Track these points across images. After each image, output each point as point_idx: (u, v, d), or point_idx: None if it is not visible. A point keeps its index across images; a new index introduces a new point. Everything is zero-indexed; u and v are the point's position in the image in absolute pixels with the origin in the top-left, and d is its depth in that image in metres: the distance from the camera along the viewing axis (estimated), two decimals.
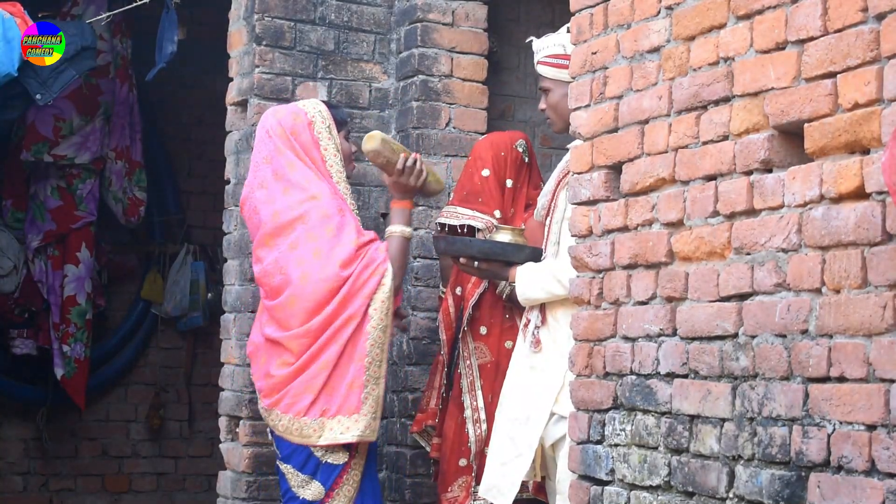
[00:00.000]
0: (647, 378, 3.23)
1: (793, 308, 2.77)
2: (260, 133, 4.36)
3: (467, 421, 4.53)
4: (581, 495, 3.43)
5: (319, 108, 4.37)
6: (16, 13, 5.33)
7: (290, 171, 4.26)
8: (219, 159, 5.40)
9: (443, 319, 4.68)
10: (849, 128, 2.65)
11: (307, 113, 4.33)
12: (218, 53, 5.44)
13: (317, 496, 4.19)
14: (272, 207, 4.23)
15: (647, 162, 3.27)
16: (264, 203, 4.26)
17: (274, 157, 4.28)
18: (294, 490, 4.22)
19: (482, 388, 4.53)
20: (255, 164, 4.35)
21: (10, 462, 7.64)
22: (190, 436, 8.04)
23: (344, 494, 4.20)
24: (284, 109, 4.40)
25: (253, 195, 4.31)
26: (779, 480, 2.77)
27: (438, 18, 5.13)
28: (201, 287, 7.81)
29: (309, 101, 4.45)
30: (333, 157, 4.32)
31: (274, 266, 4.21)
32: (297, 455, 4.20)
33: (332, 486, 4.18)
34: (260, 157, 4.33)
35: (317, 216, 4.19)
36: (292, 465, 4.21)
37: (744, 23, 2.97)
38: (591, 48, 3.51)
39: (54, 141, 7.05)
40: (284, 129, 4.30)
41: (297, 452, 4.20)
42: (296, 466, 4.20)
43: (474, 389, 4.53)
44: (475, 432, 4.49)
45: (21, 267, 7.22)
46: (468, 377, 4.55)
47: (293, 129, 4.30)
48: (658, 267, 3.22)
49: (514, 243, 4.28)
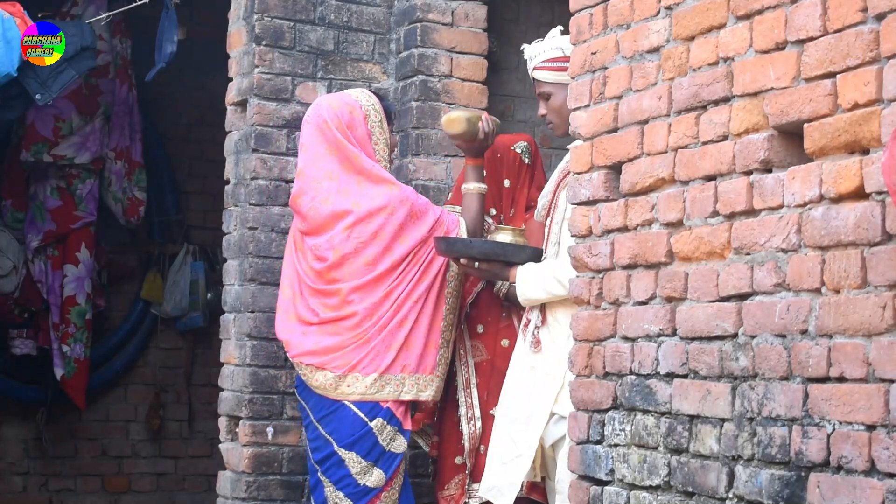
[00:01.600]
0: (646, 378, 3.23)
1: (792, 308, 2.77)
2: (315, 123, 4.40)
3: (461, 419, 4.53)
4: (581, 495, 3.43)
5: (373, 101, 4.46)
6: (16, 13, 5.33)
7: (360, 162, 4.36)
8: (219, 159, 5.40)
9: None
10: (848, 128, 2.65)
11: (362, 106, 4.42)
12: (218, 53, 5.44)
13: (378, 483, 4.27)
14: (349, 199, 4.33)
15: (647, 162, 3.27)
16: (336, 194, 4.34)
17: (338, 148, 4.36)
18: (355, 477, 4.28)
19: (477, 386, 4.54)
20: (313, 154, 4.39)
21: (10, 462, 7.65)
22: (190, 436, 8.04)
23: (397, 484, 4.32)
24: (339, 101, 4.45)
25: (319, 185, 4.36)
26: (778, 480, 2.77)
27: (438, 18, 5.13)
28: (201, 287, 7.81)
29: (362, 93, 4.51)
30: (383, 151, 4.43)
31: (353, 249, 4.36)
32: (362, 442, 4.27)
33: (393, 474, 4.28)
34: (320, 148, 4.37)
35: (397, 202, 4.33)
36: (356, 452, 4.28)
37: (743, 23, 2.97)
38: (591, 48, 3.51)
39: (54, 141, 7.05)
40: (342, 121, 4.38)
41: (365, 438, 4.27)
42: (360, 453, 4.28)
43: (469, 387, 4.54)
44: (469, 430, 4.50)
45: (21, 267, 7.22)
46: (464, 375, 4.56)
47: (350, 122, 4.39)
48: (658, 267, 3.22)
49: (514, 243, 4.28)
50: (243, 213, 4.99)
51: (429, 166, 5.09)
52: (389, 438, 4.29)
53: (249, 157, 4.98)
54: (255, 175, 4.96)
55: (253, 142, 4.97)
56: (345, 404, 4.29)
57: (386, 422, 4.28)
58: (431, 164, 5.09)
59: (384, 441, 4.28)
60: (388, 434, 4.29)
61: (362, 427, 4.27)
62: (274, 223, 4.96)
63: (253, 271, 4.93)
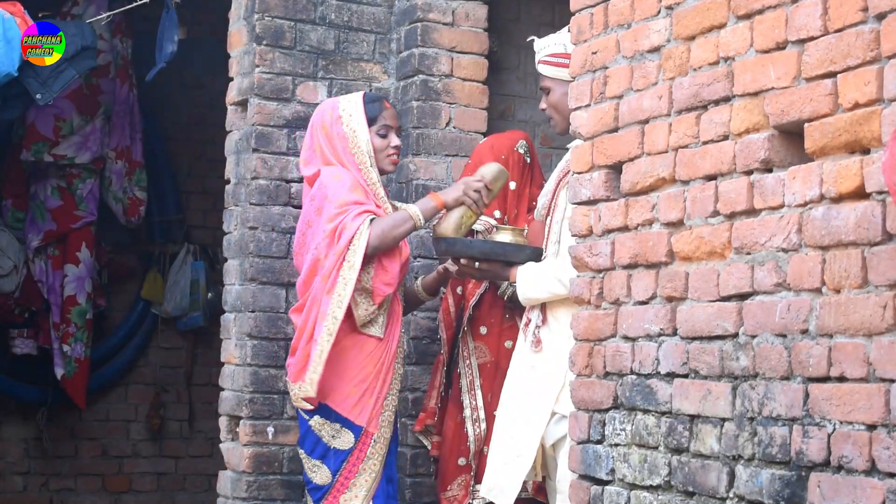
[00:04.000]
0: (647, 378, 3.23)
1: (793, 308, 2.77)
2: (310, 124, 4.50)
3: (466, 420, 4.53)
4: (581, 495, 3.43)
5: (354, 104, 4.44)
6: (16, 13, 5.33)
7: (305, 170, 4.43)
8: (219, 159, 5.40)
9: (443, 319, 4.69)
10: (849, 128, 2.65)
11: (340, 108, 4.42)
12: (218, 53, 5.44)
13: (325, 481, 4.28)
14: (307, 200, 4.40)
15: (648, 162, 3.27)
16: (305, 195, 4.43)
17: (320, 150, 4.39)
18: (307, 474, 4.33)
19: (482, 388, 4.53)
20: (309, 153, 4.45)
21: (10, 462, 7.64)
22: (190, 436, 8.04)
23: (361, 485, 4.27)
24: (327, 104, 4.50)
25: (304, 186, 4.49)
26: (779, 480, 2.77)
27: (438, 18, 5.13)
28: (201, 287, 7.81)
29: (347, 97, 4.51)
30: (360, 150, 4.37)
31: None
32: (307, 439, 4.31)
33: (343, 472, 4.26)
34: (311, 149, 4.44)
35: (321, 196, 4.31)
36: (303, 450, 4.33)
37: (744, 23, 2.97)
38: (592, 48, 3.51)
39: (54, 141, 7.05)
40: (325, 122, 4.41)
41: (308, 437, 4.30)
42: (306, 451, 4.32)
43: (474, 389, 4.53)
44: (474, 431, 4.50)
45: (21, 267, 7.22)
46: (468, 377, 4.55)
47: (322, 123, 4.42)
48: (658, 267, 3.22)
49: (514, 243, 4.27)
50: (244, 212, 4.99)
51: (429, 166, 5.09)
52: (331, 436, 4.28)
53: (250, 157, 4.98)
54: (256, 175, 4.96)
55: (253, 141, 4.97)
56: None
57: (325, 419, 4.29)
58: (432, 164, 5.09)
59: (326, 438, 4.28)
60: (330, 430, 4.29)
61: (304, 424, 4.33)
62: (274, 223, 4.96)
63: (253, 271, 4.93)
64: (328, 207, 4.25)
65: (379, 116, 4.43)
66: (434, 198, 4.35)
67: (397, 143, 4.47)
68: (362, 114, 4.41)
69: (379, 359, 4.34)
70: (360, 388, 4.30)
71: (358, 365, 4.30)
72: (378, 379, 4.33)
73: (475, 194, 4.28)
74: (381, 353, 4.35)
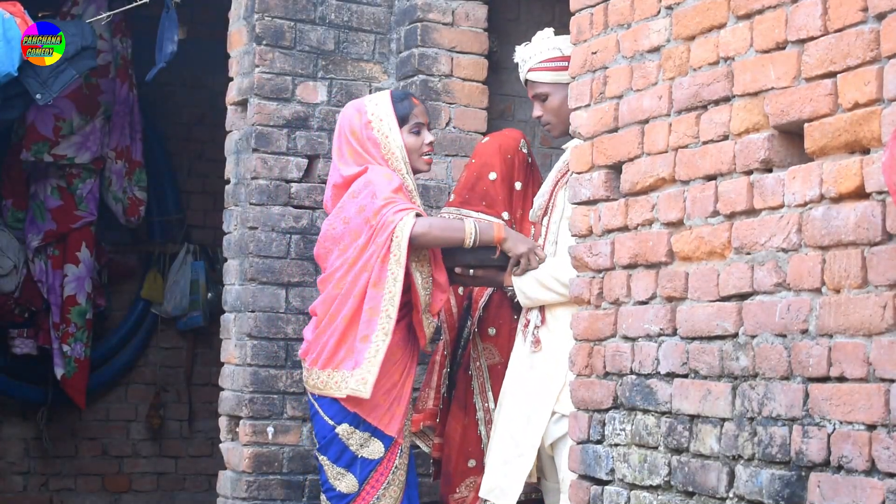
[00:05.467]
0: (647, 378, 3.23)
1: (793, 308, 2.77)
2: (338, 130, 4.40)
3: (479, 423, 4.51)
4: (581, 495, 3.43)
5: (382, 105, 4.33)
6: (16, 13, 5.33)
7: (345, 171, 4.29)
8: (219, 159, 5.40)
9: (446, 320, 4.67)
10: (849, 128, 2.65)
11: (368, 112, 4.32)
12: (218, 53, 5.44)
13: (350, 489, 4.21)
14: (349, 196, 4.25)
15: (647, 162, 3.27)
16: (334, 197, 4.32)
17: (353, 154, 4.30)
18: (330, 481, 4.24)
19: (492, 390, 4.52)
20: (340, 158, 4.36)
21: (10, 462, 7.65)
22: (190, 436, 8.04)
23: (389, 496, 4.22)
24: (353, 107, 4.39)
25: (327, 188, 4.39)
26: (779, 480, 2.77)
27: (438, 18, 5.13)
28: (201, 287, 7.81)
29: (373, 98, 4.41)
30: (394, 156, 4.29)
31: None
32: (332, 446, 4.22)
33: (370, 481, 4.20)
34: (340, 154, 4.35)
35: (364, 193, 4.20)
36: (327, 457, 4.24)
37: (744, 23, 2.97)
38: (591, 48, 3.51)
39: (54, 141, 7.05)
40: (353, 127, 4.32)
41: (333, 444, 4.22)
42: (331, 458, 4.23)
43: (485, 391, 4.52)
44: (488, 434, 4.48)
45: (21, 267, 7.22)
46: (478, 379, 4.53)
47: (351, 129, 4.32)
48: (658, 267, 3.22)
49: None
50: (244, 212, 4.99)
51: None
52: (360, 444, 4.22)
53: (250, 157, 4.98)
54: (256, 175, 4.96)
55: (253, 141, 4.97)
56: (318, 410, 4.26)
57: (354, 427, 4.22)
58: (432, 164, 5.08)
59: (354, 447, 4.21)
60: (358, 439, 4.22)
61: (331, 431, 4.23)
62: (274, 223, 4.96)
63: (253, 271, 4.93)
64: (374, 202, 4.12)
65: (410, 115, 4.33)
66: (499, 230, 4.16)
67: (431, 140, 4.38)
68: (392, 115, 4.31)
69: (405, 367, 4.30)
70: (389, 397, 4.24)
71: (386, 373, 4.21)
72: (404, 387, 4.28)
73: (526, 262, 4.10)
74: (406, 361, 4.31)
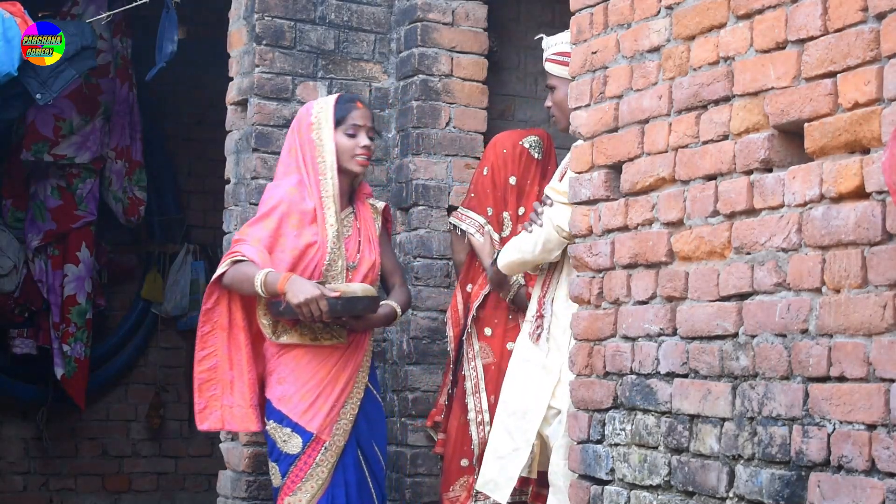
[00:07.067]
0: (647, 378, 3.23)
1: (793, 308, 2.77)
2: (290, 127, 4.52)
3: (471, 423, 4.52)
4: (581, 495, 3.43)
5: (326, 108, 4.39)
6: (16, 13, 5.33)
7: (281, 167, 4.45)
8: (219, 159, 5.40)
9: (451, 316, 4.67)
10: (849, 127, 2.65)
11: (313, 114, 4.40)
12: (218, 53, 5.44)
13: (277, 483, 4.33)
14: None
15: (647, 162, 3.27)
16: None
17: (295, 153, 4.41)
18: (270, 476, 4.40)
19: (486, 390, 4.52)
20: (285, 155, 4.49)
21: (10, 462, 7.64)
22: (190, 435, 8.03)
23: (305, 490, 4.28)
24: (306, 107, 4.48)
25: None
26: (779, 480, 2.77)
27: (438, 18, 5.13)
28: (201, 287, 7.80)
29: (322, 101, 4.47)
30: (326, 165, 4.33)
31: None
32: (267, 441, 4.37)
33: (290, 476, 4.29)
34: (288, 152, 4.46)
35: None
36: (267, 453, 4.40)
37: (744, 22, 2.97)
38: (591, 48, 3.51)
39: (54, 140, 7.05)
40: (301, 126, 4.41)
41: (267, 439, 4.36)
42: (268, 454, 4.39)
43: (479, 391, 4.52)
44: (479, 434, 4.48)
45: (21, 266, 7.21)
46: (472, 378, 4.54)
47: (299, 127, 4.42)
48: (658, 267, 3.22)
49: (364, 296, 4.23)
50: (244, 212, 4.99)
51: (429, 166, 5.09)
52: (283, 440, 4.30)
53: (250, 157, 4.98)
54: (256, 174, 4.96)
55: (253, 141, 4.97)
56: None
57: (278, 423, 4.31)
58: (432, 164, 5.09)
59: (279, 442, 4.31)
60: (282, 435, 4.31)
61: (264, 427, 4.37)
62: None
63: None
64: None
65: (348, 116, 4.38)
66: (282, 281, 4.13)
67: (366, 144, 4.38)
68: (331, 117, 4.36)
69: (335, 365, 4.32)
70: (312, 394, 4.29)
71: (311, 370, 4.30)
72: (333, 385, 4.31)
73: (308, 313, 4.10)
74: (337, 359, 4.33)
